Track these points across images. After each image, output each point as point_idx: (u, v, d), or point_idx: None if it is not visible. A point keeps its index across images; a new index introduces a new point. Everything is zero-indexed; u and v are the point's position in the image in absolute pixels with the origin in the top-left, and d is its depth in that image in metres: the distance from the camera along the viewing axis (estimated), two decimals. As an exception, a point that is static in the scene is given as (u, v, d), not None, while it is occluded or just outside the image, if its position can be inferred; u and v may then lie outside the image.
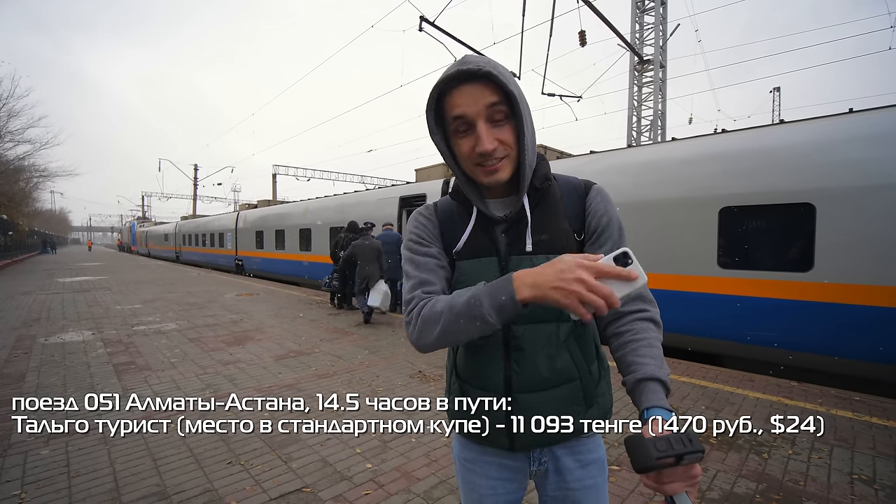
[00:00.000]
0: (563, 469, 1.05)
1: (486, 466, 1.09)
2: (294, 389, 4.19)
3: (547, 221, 1.01)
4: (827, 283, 4.38)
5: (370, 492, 2.52)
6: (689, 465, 0.71)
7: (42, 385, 4.30)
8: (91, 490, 2.51)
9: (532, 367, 0.99)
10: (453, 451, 1.18)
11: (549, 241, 1.00)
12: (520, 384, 1.00)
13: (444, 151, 1.01)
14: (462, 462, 1.13)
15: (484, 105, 0.90)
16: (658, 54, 12.38)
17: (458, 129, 0.94)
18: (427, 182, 9.36)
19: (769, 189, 4.74)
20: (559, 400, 1.00)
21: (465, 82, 0.91)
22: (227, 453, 2.95)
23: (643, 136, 13.01)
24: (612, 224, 1.03)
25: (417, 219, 1.12)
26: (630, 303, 0.98)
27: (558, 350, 0.99)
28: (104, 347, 5.80)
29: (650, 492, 2.48)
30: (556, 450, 1.05)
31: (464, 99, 0.91)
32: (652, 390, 0.86)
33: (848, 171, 4.30)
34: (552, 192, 1.05)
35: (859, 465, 2.83)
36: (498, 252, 1.02)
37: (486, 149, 0.91)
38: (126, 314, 8.35)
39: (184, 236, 26.88)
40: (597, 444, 1.09)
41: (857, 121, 4.43)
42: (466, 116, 0.91)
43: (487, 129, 0.91)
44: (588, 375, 1.03)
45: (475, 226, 1.04)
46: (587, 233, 1.04)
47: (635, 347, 0.92)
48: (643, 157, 6.08)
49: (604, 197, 1.06)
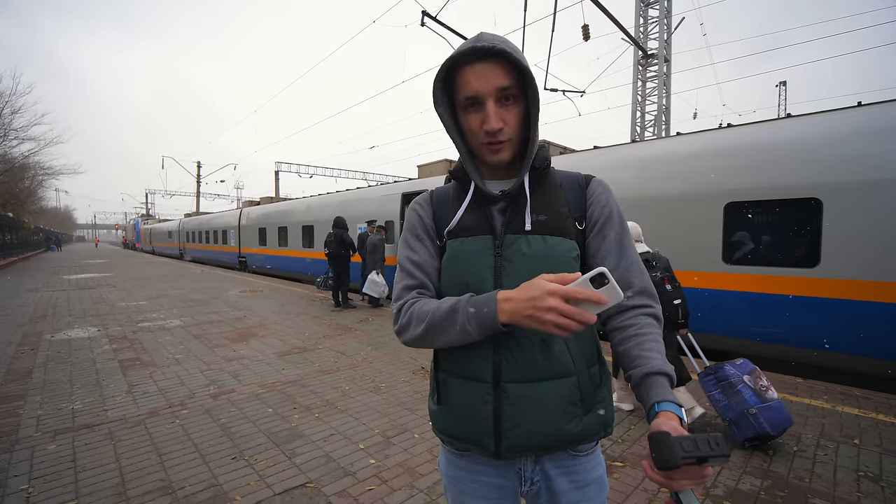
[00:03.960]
0: (556, 490, 0.99)
1: (475, 486, 1.03)
2: (297, 386, 4.20)
3: (545, 203, 1.00)
4: (833, 279, 4.36)
5: (373, 487, 2.52)
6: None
7: (49, 381, 4.32)
8: (97, 484, 2.53)
9: (525, 354, 0.94)
10: (440, 466, 1.12)
11: (546, 221, 0.99)
12: (510, 372, 0.94)
13: (449, 123, 1.01)
14: (451, 481, 1.08)
15: (495, 86, 0.90)
16: (662, 48, 12.27)
17: (468, 104, 0.94)
18: (429, 178, 9.35)
19: (776, 184, 4.70)
20: (552, 395, 0.94)
21: (479, 60, 0.91)
22: (231, 448, 2.96)
23: (647, 131, 12.92)
24: (613, 216, 1.03)
25: (412, 209, 1.13)
26: (635, 297, 0.98)
27: (553, 338, 0.95)
28: (109, 344, 5.83)
29: (654, 488, 2.48)
30: (549, 469, 0.99)
31: (476, 78, 0.91)
32: (660, 384, 0.86)
33: (857, 166, 4.25)
34: (551, 176, 1.04)
35: (865, 462, 2.81)
36: (493, 230, 1.00)
37: (493, 127, 0.91)
38: (131, 311, 8.39)
39: (187, 233, 26.99)
40: (595, 461, 1.03)
41: (867, 114, 4.37)
42: (477, 95, 0.92)
43: (496, 108, 0.92)
44: (586, 375, 0.97)
45: (471, 203, 1.04)
46: (588, 223, 1.03)
47: (641, 342, 0.92)
48: (648, 153, 6.04)
49: (605, 188, 1.06)
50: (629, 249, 1.02)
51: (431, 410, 1.08)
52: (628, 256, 1.01)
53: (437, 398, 1.06)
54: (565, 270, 0.90)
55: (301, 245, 13.60)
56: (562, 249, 0.97)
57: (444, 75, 0.96)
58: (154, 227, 39.32)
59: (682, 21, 12.50)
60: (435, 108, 1.00)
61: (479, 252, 0.99)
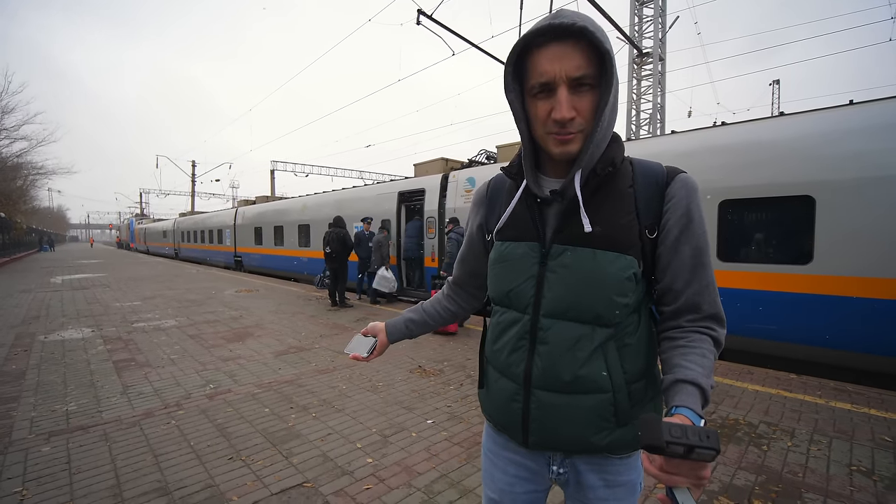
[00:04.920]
0: (584, 484, 0.98)
1: (505, 462, 1.06)
2: (294, 385, 4.20)
3: (605, 210, 0.89)
4: (826, 276, 4.39)
5: (371, 486, 2.52)
6: (699, 462, 0.67)
7: (42, 383, 4.29)
8: (92, 486, 2.51)
9: (554, 365, 0.91)
10: (483, 439, 1.16)
11: (601, 233, 0.88)
12: (539, 380, 0.93)
13: (518, 111, 0.91)
14: (486, 453, 1.12)
15: (570, 71, 0.81)
16: (657, 47, 12.30)
17: (538, 90, 0.85)
18: (426, 177, 9.33)
19: (770, 182, 4.72)
20: (582, 409, 0.90)
21: (555, 40, 0.81)
22: (227, 449, 2.96)
23: (642, 129, 12.97)
24: (693, 227, 0.89)
25: (473, 200, 1.18)
26: (699, 321, 0.90)
27: (590, 356, 0.89)
28: (104, 344, 5.80)
29: (648, 486, 2.49)
30: (578, 463, 0.98)
31: (549, 61, 0.82)
32: (689, 392, 0.79)
33: (850, 164, 4.29)
34: (618, 180, 0.92)
35: (858, 456, 2.84)
36: (541, 237, 0.94)
37: (563, 116, 0.82)
38: (125, 311, 8.35)
39: (182, 233, 26.85)
40: (630, 466, 0.98)
41: (858, 112, 4.41)
42: (549, 81, 0.82)
43: (568, 95, 0.82)
44: (624, 392, 0.90)
45: (520, 202, 0.97)
46: (662, 231, 0.91)
47: (686, 353, 0.86)
48: (643, 151, 6.06)
49: (690, 189, 0.91)
50: (705, 269, 0.90)
51: (479, 392, 1.13)
52: (703, 278, 0.90)
53: (480, 381, 1.12)
54: (616, 291, 0.87)
55: (297, 244, 13.56)
56: (614, 268, 0.87)
57: (515, 59, 0.86)
58: (149, 226, 39.08)
59: (677, 20, 12.55)
60: (505, 94, 0.92)
61: (523, 259, 0.95)
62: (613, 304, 0.88)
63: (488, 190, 1.12)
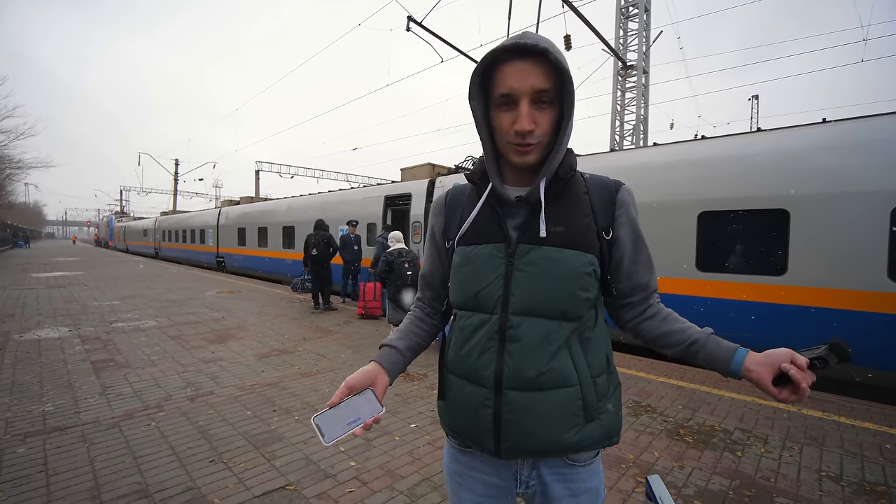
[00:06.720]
0: (550, 496, 1.00)
1: (472, 482, 1.06)
2: (277, 388, 4.17)
3: (565, 213, 0.98)
4: (800, 287, 4.54)
5: (354, 489, 2.53)
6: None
7: (18, 383, 4.20)
8: (70, 488, 2.48)
9: (526, 362, 0.94)
10: (444, 458, 1.14)
11: (563, 233, 0.96)
12: (511, 380, 0.94)
13: (480, 120, 0.99)
14: (450, 474, 1.11)
15: (532, 86, 0.89)
16: (641, 60, 12.59)
17: (502, 102, 0.92)
18: (412, 182, 9.36)
19: (746, 195, 4.88)
20: (553, 405, 0.94)
21: (520, 57, 0.89)
22: (209, 451, 2.93)
23: (626, 140, 13.21)
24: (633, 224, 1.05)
25: (431, 211, 1.20)
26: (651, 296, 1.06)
27: (559, 349, 0.94)
28: (82, 344, 5.68)
29: (628, 488, 2.55)
30: (545, 474, 1.01)
31: (514, 75, 0.89)
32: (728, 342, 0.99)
33: (821, 179, 4.45)
34: (575, 185, 1.01)
35: (827, 462, 2.95)
36: (506, 238, 0.98)
37: (524, 127, 0.89)
38: (104, 311, 8.18)
39: (164, 232, 26.37)
40: (592, 472, 1.03)
41: (830, 130, 4.59)
42: (512, 93, 0.90)
43: (529, 109, 0.90)
44: (590, 385, 0.96)
45: (484, 206, 1.01)
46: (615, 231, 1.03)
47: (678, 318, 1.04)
48: (625, 162, 6.19)
49: (633, 198, 1.07)
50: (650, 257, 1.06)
51: (438, 404, 1.11)
52: (650, 264, 1.06)
53: (440, 393, 1.10)
54: (578, 285, 0.94)
55: (281, 246, 13.45)
56: (575, 263, 0.95)
57: (482, 69, 0.94)
58: (129, 224, 38.28)
59: (661, 34, 12.85)
60: (469, 101, 0.99)
61: (489, 259, 0.98)
62: (577, 298, 0.95)
63: (447, 200, 1.14)
